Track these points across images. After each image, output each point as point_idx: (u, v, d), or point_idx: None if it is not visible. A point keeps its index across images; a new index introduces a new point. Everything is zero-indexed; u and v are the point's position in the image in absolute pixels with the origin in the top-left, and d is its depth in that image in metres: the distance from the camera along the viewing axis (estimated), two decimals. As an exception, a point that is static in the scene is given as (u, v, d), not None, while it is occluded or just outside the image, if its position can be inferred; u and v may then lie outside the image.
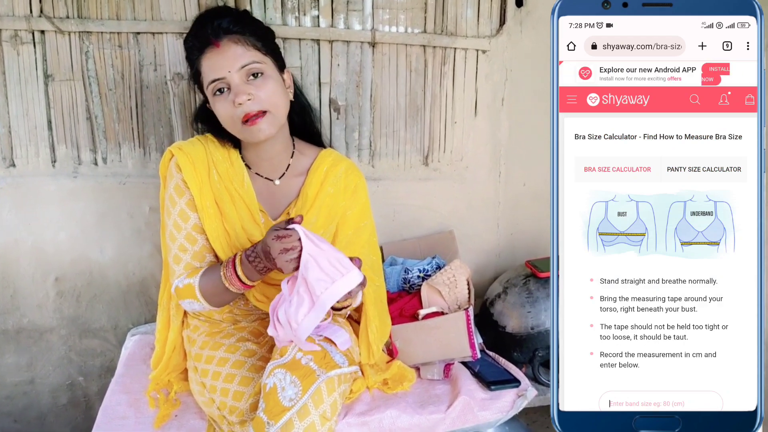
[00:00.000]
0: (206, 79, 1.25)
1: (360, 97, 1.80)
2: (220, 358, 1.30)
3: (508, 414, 1.37)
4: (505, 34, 1.82)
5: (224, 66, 1.22)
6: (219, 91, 1.24)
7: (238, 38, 1.24)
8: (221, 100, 1.24)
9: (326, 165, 1.39)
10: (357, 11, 1.73)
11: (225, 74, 1.22)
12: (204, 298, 1.26)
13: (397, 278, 1.74)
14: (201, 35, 1.25)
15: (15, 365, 1.82)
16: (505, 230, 1.99)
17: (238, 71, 1.22)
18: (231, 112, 1.23)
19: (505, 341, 1.60)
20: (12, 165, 1.69)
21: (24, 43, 1.62)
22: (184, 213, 1.31)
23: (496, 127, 1.90)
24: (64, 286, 1.78)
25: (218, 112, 1.26)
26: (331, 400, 1.12)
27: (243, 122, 1.23)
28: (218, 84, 1.23)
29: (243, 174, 1.35)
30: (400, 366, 1.46)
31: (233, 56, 1.22)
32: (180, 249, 1.31)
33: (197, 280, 1.26)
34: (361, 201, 1.42)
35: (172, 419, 1.32)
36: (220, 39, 1.23)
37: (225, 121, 1.27)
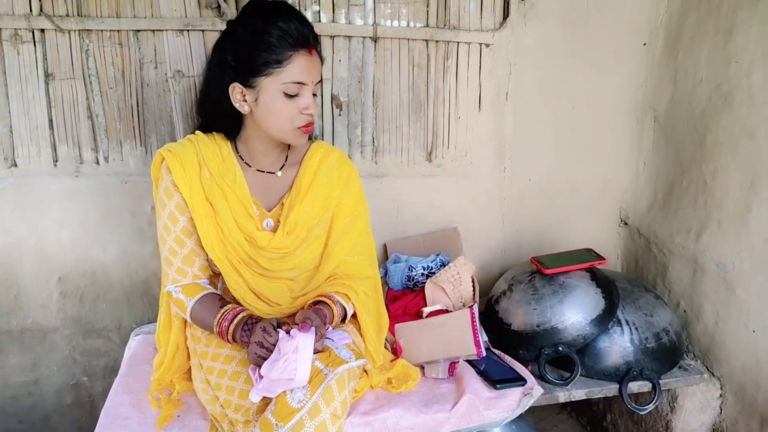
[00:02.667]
0: (289, 77, 1.24)
1: (362, 93, 1.78)
2: (226, 356, 1.30)
3: (514, 413, 1.35)
4: (508, 28, 1.80)
5: (313, 74, 1.27)
6: (289, 94, 1.26)
7: (318, 53, 1.30)
8: (289, 101, 1.26)
9: (318, 156, 1.41)
10: (358, 6, 1.71)
11: (309, 82, 1.26)
12: (192, 320, 1.35)
13: (401, 276, 1.73)
14: (299, 33, 1.23)
15: (19, 366, 1.82)
16: (510, 226, 1.97)
17: (315, 85, 1.29)
18: (294, 116, 1.27)
19: (511, 339, 1.58)
20: (14, 165, 1.69)
21: (24, 42, 1.61)
22: (173, 216, 1.33)
23: (501, 122, 1.87)
24: (68, 286, 1.77)
25: (275, 110, 1.26)
26: (341, 398, 1.12)
27: (299, 128, 1.28)
28: (298, 88, 1.26)
29: (235, 168, 1.36)
30: (405, 365, 1.45)
31: (318, 69, 1.29)
32: (170, 252, 1.34)
33: (191, 304, 1.33)
34: (354, 190, 1.44)
35: (174, 420, 1.31)
36: (315, 47, 1.28)
37: (279, 120, 1.27)
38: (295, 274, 1.38)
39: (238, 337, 1.26)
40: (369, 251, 1.46)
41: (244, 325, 1.25)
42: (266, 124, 1.29)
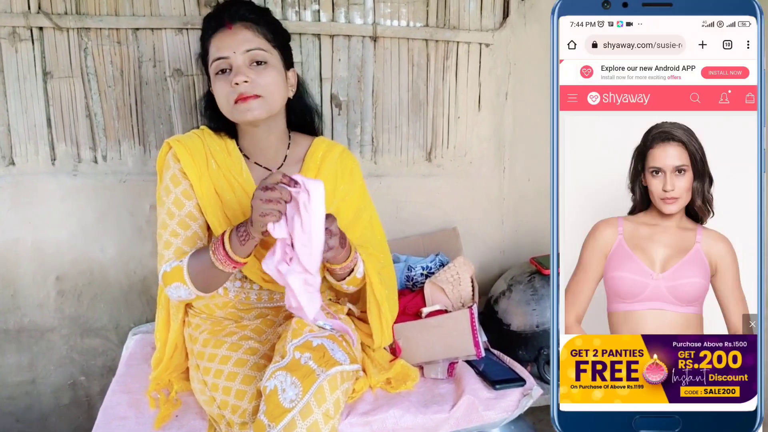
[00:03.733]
0: (212, 57, 1.29)
1: (362, 92, 1.77)
2: (222, 356, 1.29)
3: (513, 413, 1.35)
4: (508, 28, 1.80)
5: (231, 46, 1.26)
6: (222, 71, 1.27)
7: (251, 25, 1.29)
8: (221, 79, 1.27)
9: (321, 151, 1.41)
10: (358, 5, 1.71)
11: (230, 54, 1.26)
12: (191, 280, 1.22)
13: (400, 276, 1.72)
14: (217, 17, 1.30)
15: (16, 365, 1.81)
16: (509, 227, 1.96)
17: (242, 54, 1.26)
18: (227, 91, 1.26)
19: (510, 339, 1.58)
20: (11, 163, 1.68)
21: (22, 40, 1.61)
22: (178, 201, 1.31)
23: (500, 122, 1.87)
24: (65, 285, 1.76)
25: (216, 93, 1.29)
26: (333, 398, 1.11)
27: (235, 102, 1.25)
28: (221, 63, 1.26)
29: (241, 163, 1.36)
30: (404, 365, 1.44)
31: (242, 39, 1.26)
32: (171, 234, 1.29)
33: (186, 261, 1.24)
34: (358, 183, 1.44)
35: (172, 419, 1.30)
36: (234, 23, 1.28)
37: (221, 102, 1.29)
38: None
39: (235, 245, 1.16)
40: (378, 242, 1.43)
41: (236, 230, 1.17)
42: (222, 111, 1.31)
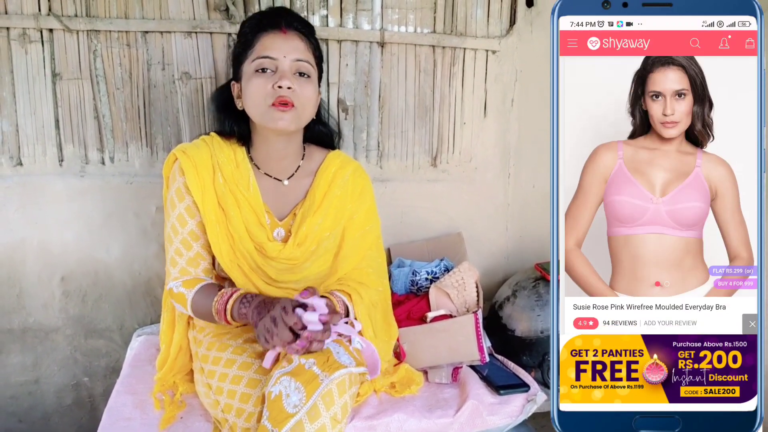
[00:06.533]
0: (256, 53, 1.25)
1: (368, 97, 1.78)
2: (227, 360, 1.29)
3: (517, 419, 1.35)
4: (515, 35, 1.81)
5: (282, 49, 1.24)
6: (262, 70, 1.24)
7: (303, 37, 1.28)
8: (261, 77, 1.24)
9: (334, 167, 1.39)
10: (366, 11, 1.72)
11: (279, 56, 1.24)
12: (194, 312, 1.30)
13: (404, 280, 1.72)
14: (272, 17, 1.28)
15: (20, 365, 1.81)
16: (514, 232, 1.97)
17: (291, 61, 1.24)
18: (266, 91, 1.23)
19: (514, 345, 1.58)
20: (19, 164, 1.69)
21: (32, 42, 1.62)
22: (182, 217, 1.31)
23: (506, 129, 1.88)
24: (70, 286, 1.77)
25: (250, 90, 1.25)
26: (341, 402, 1.11)
27: (272, 104, 1.23)
28: (266, 62, 1.24)
29: (249, 175, 1.34)
30: (408, 369, 1.45)
31: (294, 47, 1.25)
32: (176, 253, 1.32)
33: (191, 295, 1.29)
34: (367, 203, 1.42)
35: (177, 421, 1.30)
36: (289, 29, 1.27)
37: (255, 100, 1.25)
38: (302, 285, 1.36)
39: (236, 312, 1.21)
40: (378, 265, 1.42)
41: (243, 299, 1.21)
42: (249, 110, 1.28)
